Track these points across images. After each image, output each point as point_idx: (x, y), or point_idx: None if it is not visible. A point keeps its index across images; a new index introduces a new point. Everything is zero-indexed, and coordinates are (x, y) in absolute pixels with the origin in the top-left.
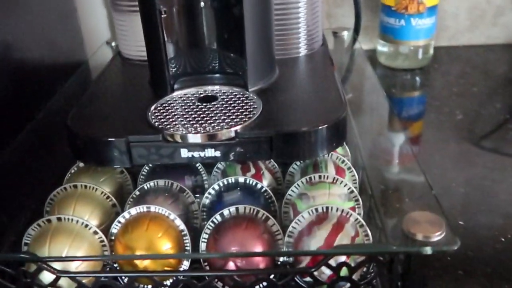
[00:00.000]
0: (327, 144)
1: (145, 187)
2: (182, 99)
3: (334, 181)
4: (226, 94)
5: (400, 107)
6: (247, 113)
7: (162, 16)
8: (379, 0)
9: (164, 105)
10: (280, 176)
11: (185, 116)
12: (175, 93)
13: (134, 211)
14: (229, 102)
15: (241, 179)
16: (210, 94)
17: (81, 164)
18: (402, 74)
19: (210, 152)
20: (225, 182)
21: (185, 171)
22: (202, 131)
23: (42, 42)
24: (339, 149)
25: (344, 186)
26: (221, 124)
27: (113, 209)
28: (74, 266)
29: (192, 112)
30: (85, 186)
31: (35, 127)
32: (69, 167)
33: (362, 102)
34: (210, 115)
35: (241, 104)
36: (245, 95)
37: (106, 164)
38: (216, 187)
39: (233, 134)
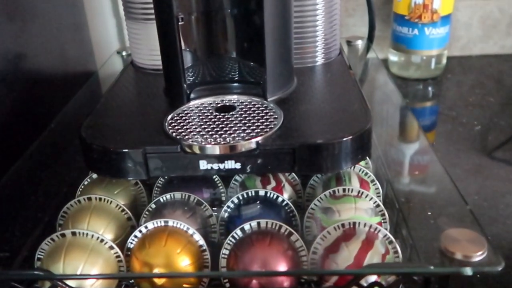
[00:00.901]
0: (352, 156)
1: (161, 200)
2: (199, 108)
3: (359, 194)
4: (244, 103)
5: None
6: (267, 123)
7: (180, 23)
8: (390, 10)
9: (180, 115)
10: (300, 188)
11: (203, 127)
12: (192, 103)
13: (151, 225)
14: (248, 112)
15: (261, 192)
16: (227, 103)
17: (94, 176)
18: (415, 84)
19: (230, 164)
20: (245, 195)
21: (202, 183)
22: (222, 142)
23: (54, 53)
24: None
25: (370, 199)
26: (241, 134)
27: (128, 222)
28: (89, 283)
29: (210, 122)
30: (100, 199)
31: (46, 138)
32: (82, 177)
33: (381, 111)
34: (229, 125)
35: (260, 114)
36: (264, 105)
37: (122, 176)
38: (236, 200)
39: (254, 146)
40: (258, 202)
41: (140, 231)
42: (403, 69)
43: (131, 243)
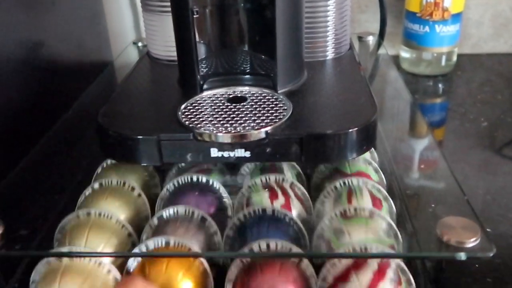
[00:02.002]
0: (357, 147)
1: (164, 215)
2: (211, 99)
3: (372, 214)
4: (255, 95)
5: (422, 113)
6: (277, 114)
7: (194, 16)
8: (403, 7)
9: (193, 104)
10: (310, 204)
11: (215, 116)
12: (205, 93)
13: (151, 244)
14: (258, 103)
15: (269, 210)
16: (239, 94)
17: (96, 186)
18: (425, 80)
19: (240, 152)
20: (251, 213)
21: (207, 196)
22: (233, 131)
23: (71, 43)
24: (373, 176)
25: (382, 220)
26: (251, 124)
27: (129, 238)
28: None
29: (222, 112)
30: (99, 214)
31: (61, 126)
32: (95, 164)
33: (390, 107)
34: (240, 115)
35: (270, 105)
36: (274, 97)
37: (136, 161)
38: (242, 218)
39: (263, 135)
40: (265, 220)
41: (140, 251)
42: (414, 65)
43: (131, 264)
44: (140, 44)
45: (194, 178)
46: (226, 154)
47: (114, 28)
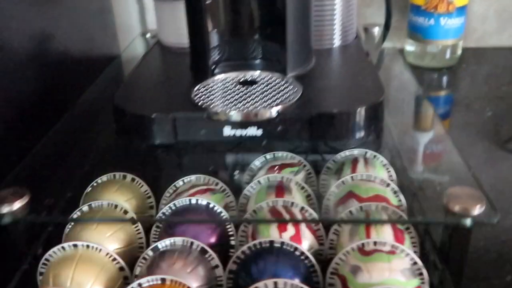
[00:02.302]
0: (365, 126)
1: (160, 247)
2: (223, 82)
3: (393, 250)
4: (265, 78)
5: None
6: (287, 95)
7: (206, 3)
8: (407, 1)
9: (205, 87)
10: (322, 233)
11: (226, 97)
12: (216, 77)
13: (145, 283)
14: (269, 86)
15: (277, 243)
16: (250, 78)
17: (85, 209)
18: (430, 73)
19: (252, 131)
20: (257, 245)
21: (207, 223)
22: (245, 110)
23: (80, 36)
24: (393, 199)
25: (406, 256)
26: (263, 104)
27: (121, 273)
28: None
29: (234, 94)
30: (87, 246)
31: (68, 119)
32: (101, 157)
33: (396, 98)
34: (251, 96)
35: (280, 88)
36: (284, 80)
37: (152, 140)
38: (247, 251)
39: (275, 114)
40: (273, 253)
41: None
42: (419, 58)
43: None
44: (148, 35)
45: (193, 201)
46: (238, 132)
47: (121, 22)
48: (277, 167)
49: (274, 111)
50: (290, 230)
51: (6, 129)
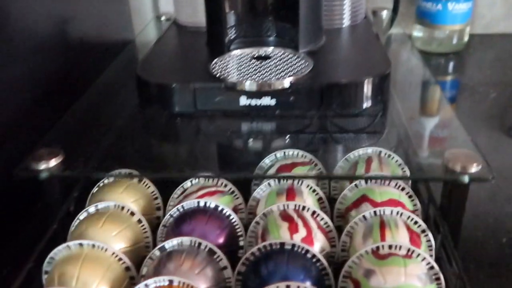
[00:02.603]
0: (372, 95)
1: (167, 246)
2: (238, 57)
3: (410, 253)
4: (278, 54)
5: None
6: (299, 68)
7: None
8: None
9: (222, 61)
10: (334, 235)
11: (242, 70)
12: (232, 52)
13: (152, 284)
14: (282, 60)
15: (288, 244)
16: (264, 53)
17: (92, 210)
18: (437, 58)
19: (266, 101)
20: (267, 247)
21: (216, 224)
22: (260, 81)
23: (96, 20)
24: (408, 204)
25: (422, 260)
26: (276, 76)
27: (127, 273)
28: None
29: (249, 67)
30: (93, 245)
31: (85, 100)
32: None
33: (406, 81)
34: (265, 69)
35: (293, 62)
36: (296, 55)
37: (173, 109)
38: (256, 252)
39: (288, 84)
40: (284, 256)
41: None
42: (426, 43)
43: None
44: (163, 18)
45: (201, 203)
46: (253, 102)
47: (135, 6)
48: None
49: (287, 82)
50: (302, 231)
51: (36, 101)
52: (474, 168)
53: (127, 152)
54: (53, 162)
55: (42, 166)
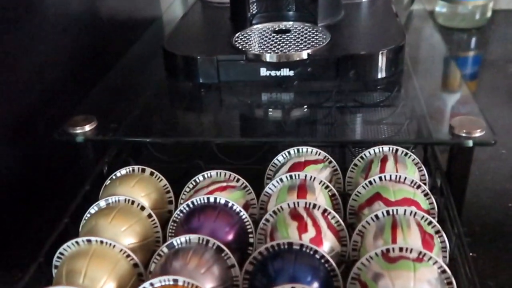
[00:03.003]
0: (386, 66)
1: (175, 243)
2: (259, 31)
3: (421, 257)
4: (298, 28)
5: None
6: (317, 41)
7: None
8: None
9: (244, 35)
10: (345, 234)
11: (263, 43)
12: (254, 27)
13: (157, 283)
14: (301, 33)
15: (296, 245)
16: (284, 27)
17: (102, 204)
18: (459, 34)
19: (285, 72)
20: (275, 247)
21: (225, 221)
22: (279, 53)
23: None
24: (423, 203)
25: (434, 264)
26: (295, 48)
27: (135, 270)
28: None
29: (269, 40)
30: (101, 242)
31: (116, 72)
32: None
33: (422, 55)
34: (285, 42)
35: (311, 35)
36: (315, 29)
37: (197, 79)
38: (264, 252)
39: (305, 56)
40: (291, 256)
41: None
42: (449, 19)
43: None
44: None
45: (211, 199)
46: (273, 73)
47: None
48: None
49: (305, 54)
50: (311, 231)
51: (71, 72)
52: (478, 133)
53: (154, 120)
54: (87, 127)
55: (78, 130)
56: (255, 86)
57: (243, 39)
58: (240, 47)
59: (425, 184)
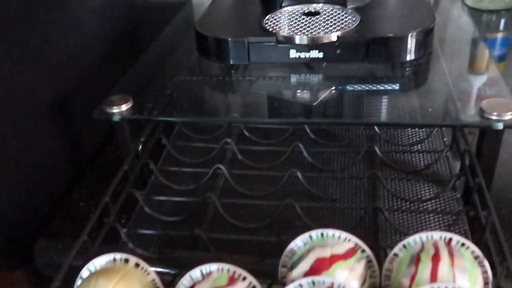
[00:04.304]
0: (415, 49)
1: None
2: (289, 13)
3: None
4: (327, 10)
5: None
6: (346, 23)
7: None
8: None
9: (274, 17)
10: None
11: (293, 25)
12: (284, 9)
13: None
14: (330, 16)
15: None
16: (313, 10)
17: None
18: (488, 15)
19: (314, 54)
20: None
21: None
22: (309, 35)
23: None
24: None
25: None
26: (325, 30)
27: None
28: None
29: (299, 23)
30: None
31: (150, 54)
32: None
33: (452, 37)
34: (315, 25)
35: (341, 17)
36: (344, 11)
37: (228, 60)
38: None
39: (335, 38)
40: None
41: None
42: (478, 0)
43: None
44: None
45: None
46: (302, 55)
47: None
48: (326, 260)
49: (334, 36)
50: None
51: (107, 54)
52: (508, 116)
53: (186, 100)
54: (124, 107)
55: (115, 109)
56: (284, 67)
57: (273, 21)
58: (270, 29)
59: (487, 284)
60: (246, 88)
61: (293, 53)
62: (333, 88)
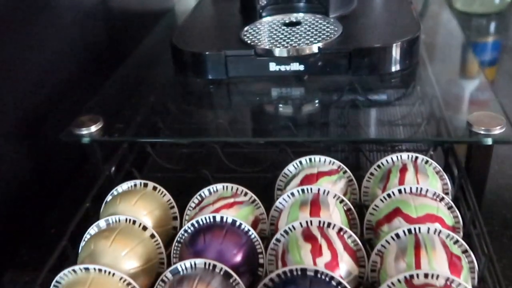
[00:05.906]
0: (400, 59)
1: (179, 268)
2: (269, 24)
3: (448, 283)
4: (309, 20)
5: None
6: (328, 33)
7: None
8: None
9: (253, 28)
10: (363, 254)
11: (273, 37)
12: (263, 19)
13: None
14: (312, 26)
15: (311, 271)
16: (294, 20)
17: (102, 224)
18: (478, 19)
19: (295, 66)
20: (287, 272)
21: (233, 242)
22: (289, 47)
23: None
24: (447, 218)
25: None
26: (306, 42)
27: None
28: None
29: (279, 34)
30: (100, 270)
31: (124, 69)
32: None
33: (438, 43)
34: (295, 35)
35: (323, 27)
36: (326, 20)
37: (206, 75)
38: (275, 277)
39: (316, 49)
40: (305, 283)
41: None
42: (467, 4)
43: None
44: None
45: (218, 218)
46: (283, 68)
47: None
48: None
49: (315, 47)
50: (326, 254)
51: (80, 70)
52: (497, 130)
53: (161, 119)
54: (93, 128)
55: (84, 131)
56: (264, 82)
57: (252, 32)
58: (248, 41)
59: (447, 194)
60: (224, 105)
61: (272, 66)
62: (316, 103)
